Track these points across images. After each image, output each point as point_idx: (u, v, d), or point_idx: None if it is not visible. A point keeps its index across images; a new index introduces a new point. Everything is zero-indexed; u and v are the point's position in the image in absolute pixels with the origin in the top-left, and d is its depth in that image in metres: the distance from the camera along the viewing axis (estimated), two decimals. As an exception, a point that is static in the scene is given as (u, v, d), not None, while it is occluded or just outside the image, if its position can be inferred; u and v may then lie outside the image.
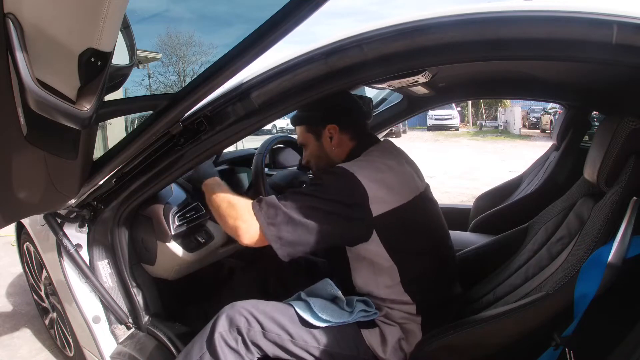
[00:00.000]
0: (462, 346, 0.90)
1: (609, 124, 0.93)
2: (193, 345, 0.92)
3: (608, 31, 0.64)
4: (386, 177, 0.93)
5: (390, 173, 0.95)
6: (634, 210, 0.81)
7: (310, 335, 0.91)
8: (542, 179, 1.91)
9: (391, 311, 0.96)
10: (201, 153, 1.01)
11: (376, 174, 0.92)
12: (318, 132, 1.06)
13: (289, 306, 0.95)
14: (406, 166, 1.03)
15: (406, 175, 1.00)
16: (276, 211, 0.86)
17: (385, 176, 0.93)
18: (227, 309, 0.92)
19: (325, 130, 1.05)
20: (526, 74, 1.30)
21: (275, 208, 0.86)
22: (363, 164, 0.95)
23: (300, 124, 1.10)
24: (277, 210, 0.86)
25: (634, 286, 0.82)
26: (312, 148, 1.09)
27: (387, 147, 1.06)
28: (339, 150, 1.05)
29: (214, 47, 12.93)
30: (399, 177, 0.97)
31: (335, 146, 1.05)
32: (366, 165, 0.94)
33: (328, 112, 1.04)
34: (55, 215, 1.19)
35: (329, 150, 1.06)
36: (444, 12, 0.73)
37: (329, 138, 1.05)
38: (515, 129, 14.73)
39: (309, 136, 1.08)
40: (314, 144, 1.08)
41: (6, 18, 0.54)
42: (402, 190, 0.95)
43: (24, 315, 1.91)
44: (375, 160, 0.97)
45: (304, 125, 1.09)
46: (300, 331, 0.91)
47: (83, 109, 0.63)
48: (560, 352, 0.84)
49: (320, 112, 1.05)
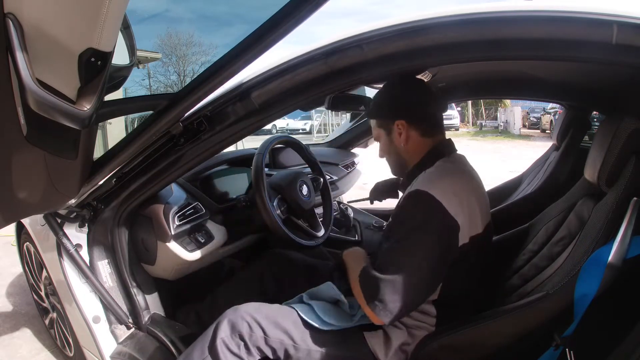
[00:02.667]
0: (462, 346, 0.90)
1: (609, 124, 0.93)
2: (194, 348, 0.92)
3: (608, 31, 0.64)
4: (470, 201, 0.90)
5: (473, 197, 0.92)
6: (634, 210, 0.81)
7: (312, 339, 0.91)
8: (542, 179, 1.91)
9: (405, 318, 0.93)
10: (201, 153, 1.01)
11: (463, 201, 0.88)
12: (388, 127, 1.00)
13: (291, 310, 0.95)
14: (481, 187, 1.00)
15: (481, 191, 0.98)
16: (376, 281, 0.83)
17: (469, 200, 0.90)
18: (229, 313, 0.91)
19: (394, 125, 0.98)
20: (526, 74, 1.30)
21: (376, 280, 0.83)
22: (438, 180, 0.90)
23: (372, 117, 1.06)
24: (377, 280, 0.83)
25: (634, 286, 0.82)
26: (383, 143, 1.04)
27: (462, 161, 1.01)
28: (411, 149, 0.99)
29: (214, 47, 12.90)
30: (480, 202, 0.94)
31: (404, 143, 0.98)
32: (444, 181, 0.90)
33: (396, 104, 0.99)
34: (55, 215, 1.19)
35: (399, 147, 1.00)
36: (444, 12, 0.73)
37: (399, 134, 0.99)
38: (515, 129, 14.72)
39: (380, 131, 1.03)
40: (385, 139, 1.02)
41: (6, 18, 0.54)
42: (481, 216, 0.93)
43: (24, 315, 1.91)
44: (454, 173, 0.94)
45: (375, 119, 1.04)
46: (303, 335, 0.91)
47: (83, 109, 0.63)
48: (561, 352, 0.84)
49: (388, 105, 1.00)
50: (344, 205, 1.88)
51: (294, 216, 1.36)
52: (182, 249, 1.18)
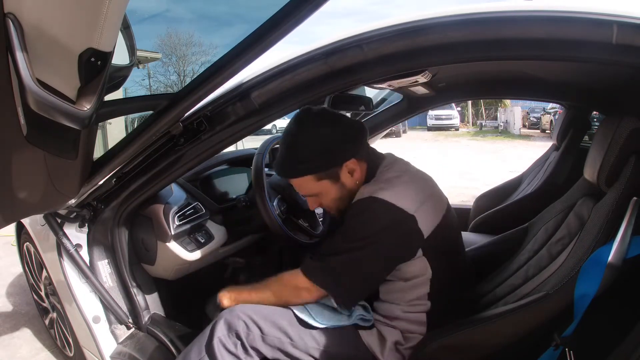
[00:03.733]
0: (462, 346, 0.90)
1: (609, 124, 0.93)
2: (191, 348, 0.92)
3: (608, 31, 0.64)
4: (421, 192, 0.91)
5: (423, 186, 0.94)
6: (634, 210, 0.81)
7: (310, 337, 0.91)
8: (542, 179, 1.91)
9: (398, 316, 0.94)
10: (201, 153, 1.01)
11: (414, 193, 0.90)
12: (333, 174, 0.94)
13: (286, 309, 0.95)
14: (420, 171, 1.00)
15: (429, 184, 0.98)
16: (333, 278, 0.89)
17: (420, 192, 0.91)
18: (226, 313, 0.92)
19: (342, 168, 0.94)
20: (526, 74, 1.30)
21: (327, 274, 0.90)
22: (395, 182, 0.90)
23: (302, 176, 0.95)
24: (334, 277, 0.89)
25: (634, 286, 0.82)
26: (331, 194, 0.96)
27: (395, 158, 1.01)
28: (360, 178, 0.96)
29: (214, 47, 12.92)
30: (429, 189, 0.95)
31: (358, 179, 0.95)
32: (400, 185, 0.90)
33: (341, 147, 0.92)
34: (55, 215, 1.19)
35: (352, 186, 0.95)
36: (444, 12, 0.73)
37: (349, 174, 0.94)
38: (515, 129, 14.73)
39: (323, 183, 0.95)
40: (333, 189, 0.95)
41: (6, 18, 0.54)
42: (436, 204, 0.94)
43: (24, 315, 1.91)
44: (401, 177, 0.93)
45: (309, 175, 0.94)
46: (300, 333, 0.91)
47: (83, 108, 0.63)
48: (560, 352, 0.84)
49: (329, 153, 0.92)
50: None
51: (294, 216, 1.37)
52: (182, 249, 1.18)
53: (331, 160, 0.93)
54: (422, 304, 0.93)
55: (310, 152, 0.92)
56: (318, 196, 0.98)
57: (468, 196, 4.23)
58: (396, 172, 0.94)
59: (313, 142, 0.92)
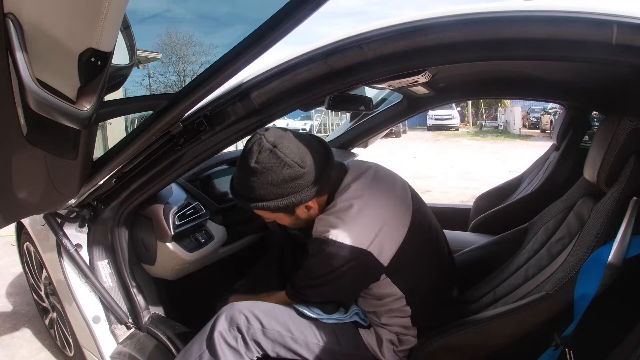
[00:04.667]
0: (462, 346, 0.90)
1: (609, 124, 0.93)
2: (192, 344, 0.92)
3: (608, 31, 0.64)
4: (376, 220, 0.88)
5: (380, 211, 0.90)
6: (634, 210, 0.81)
7: (310, 332, 0.92)
8: (542, 179, 1.91)
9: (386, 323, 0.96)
10: (201, 153, 1.01)
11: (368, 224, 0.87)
12: (290, 210, 0.92)
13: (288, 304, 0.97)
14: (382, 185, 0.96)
15: (391, 200, 0.94)
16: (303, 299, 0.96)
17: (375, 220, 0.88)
18: (227, 308, 0.92)
19: (299, 207, 0.91)
20: (526, 74, 1.30)
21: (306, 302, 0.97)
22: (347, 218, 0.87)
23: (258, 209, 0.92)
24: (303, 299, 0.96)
25: (634, 286, 0.82)
26: (285, 221, 0.98)
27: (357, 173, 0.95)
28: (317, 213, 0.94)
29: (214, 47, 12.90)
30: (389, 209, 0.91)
31: (314, 213, 0.94)
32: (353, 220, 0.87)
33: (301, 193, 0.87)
34: (55, 215, 1.19)
35: (307, 217, 0.95)
36: (444, 12, 0.73)
37: (305, 209, 0.93)
38: (515, 129, 14.73)
39: (278, 214, 0.95)
40: (286, 219, 0.96)
41: (6, 18, 0.54)
42: (399, 222, 0.91)
43: (24, 315, 1.91)
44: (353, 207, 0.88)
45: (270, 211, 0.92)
46: (301, 327, 0.92)
47: (83, 108, 0.63)
48: (560, 352, 0.84)
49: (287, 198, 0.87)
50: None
51: (293, 216, 1.36)
52: (182, 249, 1.18)
53: (287, 204, 0.88)
54: (403, 311, 0.93)
55: (266, 194, 0.87)
56: (273, 219, 1.00)
57: (468, 196, 4.24)
58: (348, 202, 0.89)
59: (270, 185, 0.86)
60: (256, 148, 0.86)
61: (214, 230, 1.30)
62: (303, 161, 0.86)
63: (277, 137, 0.86)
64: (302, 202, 0.89)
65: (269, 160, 0.85)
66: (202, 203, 1.28)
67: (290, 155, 0.85)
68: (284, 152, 0.85)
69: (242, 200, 0.91)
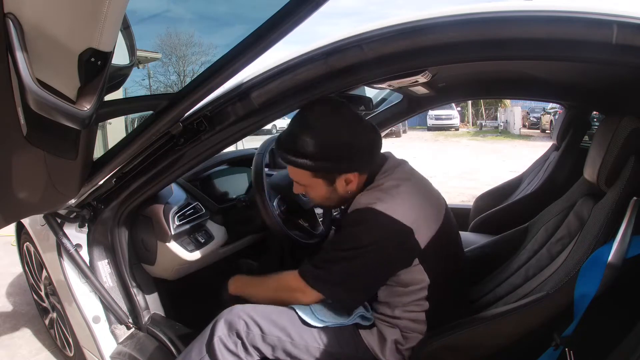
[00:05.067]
0: (462, 346, 0.90)
1: (609, 124, 0.93)
2: (191, 348, 0.92)
3: (608, 31, 0.64)
4: (419, 203, 0.90)
5: (421, 198, 0.92)
6: (634, 210, 0.81)
7: (310, 336, 0.91)
8: (542, 179, 1.91)
9: (398, 316, 0.94)
10: (201, 153, 1.01)
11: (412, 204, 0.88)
12: (330, 178, 0.92)
13: (287, 308, 0.95)
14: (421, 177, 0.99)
15: (429, 192, 0.96)
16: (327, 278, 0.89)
17: (418, 203, 0.90)
18: (226, 313, 0.92)
19: (341, 177, 0.92)
20: (526, 74, 1.29)
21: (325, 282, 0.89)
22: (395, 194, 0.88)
23: (299, 168, 0.92)
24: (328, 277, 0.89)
25: (634, 286, 0.82)
26: (319, 192, 0.96)
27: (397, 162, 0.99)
28: (356, 189, 0.95)
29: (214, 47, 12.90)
30: (428, 199, 0.94)
31: (351, 189, 0.94)
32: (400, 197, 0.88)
33: (349, 160, 0.90)
34: (55, 215, 1.19)
35: (343, 192, 0.94)
36: (444, 12, 0.73)
37: (345, 184, 0.93)
38: (515, 129, 14.73)
39: (316, 181, 0.93)
40: (323, 189, 0.94)
41: (6, 18, 0.54)
42: (435, 213, 0.93)
43: (24, 315, 1.91)
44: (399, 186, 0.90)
45: (306, 170, 0.92)
46: (301, 332, 0.91)
47: (83, 108, 0.63)
48: (560, 352, 0.84)
49: (335, 162, 0.89)
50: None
51: (294, 216, 1.36)
52: (182, 249, 1.18)
53: (333, 168, 0.90)
54: (421, 305, 0.93)
55: (316, 152, 0.88)
56: (306, 187, 0.97)
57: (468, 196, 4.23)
58: (395, 181, 0.92)
59: (324, 144, 0.88)
60: (325, 108, 0.89)
61: (214, 230, 1.30)
62: (361, 131, 0.89)
63: (342, 105, 0.91)
64: (349, 170, 0.90)
65: (332, 120, 0.88)
66: (202, 203, 1.28)
67: (353, 122, 0.88)
68: (346, 116, 0.88)
69: (288, 154, 0.91)
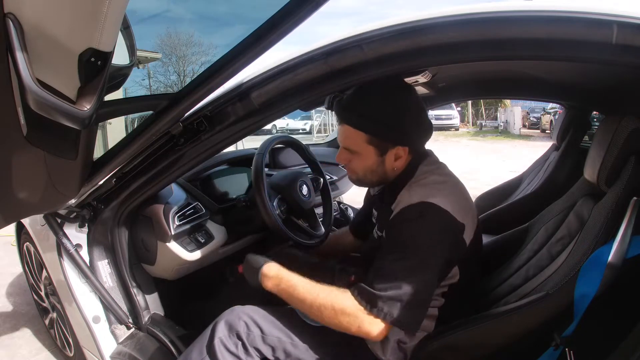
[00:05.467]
0: (462, 346, 0.90)
1: (609, 124, 0.93)
2: (192, 349, 0.92)
3: (608, 31, 0.64)
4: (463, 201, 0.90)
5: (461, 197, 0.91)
6: (634, 210, 0.81)
7: (311, 337, 0.91)
8: (542, 179, 1.91)
9: None
10: (201, 153, 1.01)
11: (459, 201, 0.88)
12: (384, 148, 0.90)
13: (288, 309, 0.95)
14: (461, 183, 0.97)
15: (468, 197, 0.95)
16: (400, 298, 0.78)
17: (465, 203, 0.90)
18: (227, 314, 0.92)
19: (393, 149, 0.91)
20: (526, 74, 1.30)
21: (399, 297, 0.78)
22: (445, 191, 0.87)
23: (357, 129, 0.90)
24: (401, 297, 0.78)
25: (634, 286, 0.82)
26: (367, 161, 0.93)
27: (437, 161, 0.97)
28: (400, 168, 0.93)
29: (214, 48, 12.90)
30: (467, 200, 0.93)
31: (398, 166, 0.92)
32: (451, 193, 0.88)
33: (408, 129, 0.90)
34: (55, 215, 1.19)
35: (389, 168, 0.93)
36: (444, 12, 0.73)
37: (395, 159, 0.92)
38: (515, 129, 14.73)
39: (369, 148, 0.91)
40: (372, 158, 0.92)
41: (6, 18, 0.54)
42: (472, 211, 0.93)
43: (24, 315, 1.91)
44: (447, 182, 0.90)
45: (365, 133, 0.89)
46: (301, 333, 0.91)
47: (83, 108, 0.63)
48: (560, 352, 0.84)
49: (397, 128, 0.89)
50: (344, 205, 1.88)
51: (294, 216, 1.36)
52: (182, 249, 1.18)
53: (392, 136, 0.89)
54: (437, 300, 0.91)
55: (381, 115, 0.88)
56: (354, 155, 0.93)
57: (468, 196, 4.23)
58: (442, 177, 0.91)
59: (391, 109, 0.88)
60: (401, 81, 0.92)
61: (214, 230, 1.30)
62: (423, 112, 0.92)
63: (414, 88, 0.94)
64: (404, 143, 0.90)
65: (403, 91, 0.90)
66: (202, 203, 1.28)
67: (419, 102, 0.92)
68: (414, 94, 0.91)
69: (349, 112, 0.90)
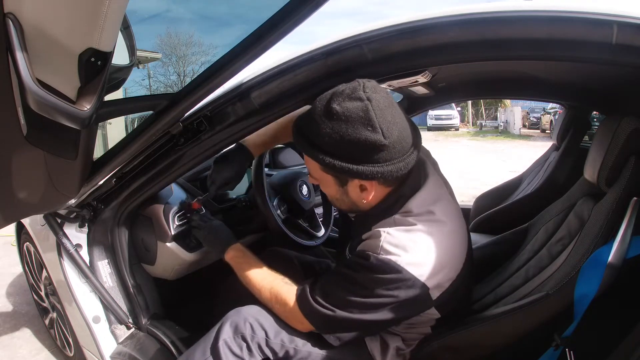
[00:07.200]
0: (462, 346, 0.90)
1: (609, 124, 0.93)
2: (196, 349, 0.92)
3: (608, 31, 0.64)
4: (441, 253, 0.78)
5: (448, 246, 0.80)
6: (634, 210, 0.81)
7: (313, 342, 0.91)
8: (542, 179, 1.91)
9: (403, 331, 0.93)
10: (201, 153, 1.01)
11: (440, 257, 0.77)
12: (342, 179, 0.81)
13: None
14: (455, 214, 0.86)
15: (458, 234, 0.84)
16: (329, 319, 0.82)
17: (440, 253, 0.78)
18: (232, 315, 0.91)
19: (354, 182, 0.80)
20: (526, 74, 1.29)
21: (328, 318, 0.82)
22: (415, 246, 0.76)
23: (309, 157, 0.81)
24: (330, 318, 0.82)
25: (634, 286, 0.82)
26: (330, 190, 0.85)
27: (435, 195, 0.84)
28: (372, 201, 0.83)
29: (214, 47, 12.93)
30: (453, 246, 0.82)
31: (367, 199, 0.82)
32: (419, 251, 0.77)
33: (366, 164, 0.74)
34: (55, 215, 1.19)
35: (357, 199, 0.83)
36: (444, 12, 0.73)
37: (360, 189, 0.81)
38: (515, 129, 14.73)
39: (327, 177, 0.82)
40: (334, 187, 0.84)
41: (6, 18, 0.54)
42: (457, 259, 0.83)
43: (24, 315, 1.91)
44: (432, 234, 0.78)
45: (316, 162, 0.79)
46: (304, 337, 0.91)
47: (83, 108, 0.63)
48: (561, 352, 0.84)
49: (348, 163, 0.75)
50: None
51: (294, 216, 1.36)
52: (182, 249, 1.18)
53: (343, 170, 0.76)
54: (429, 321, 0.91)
55: (331, 148, 0.75)
56: (317, 180, 0.86)
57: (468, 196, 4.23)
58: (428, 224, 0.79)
59: (339, 136, 0.73)
60: (348, 92, 0.73)
61: (214, 230, 1.30)
62: (390, 133, 0.72)
63: (376, 92, 0.74)
64: (363, 177, 0.75)
65: (355, 112, 0.72)
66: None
67: (380, 119, 0.72)
68: (375, 110, 0.72)
69: (300, 139, 0.80)
